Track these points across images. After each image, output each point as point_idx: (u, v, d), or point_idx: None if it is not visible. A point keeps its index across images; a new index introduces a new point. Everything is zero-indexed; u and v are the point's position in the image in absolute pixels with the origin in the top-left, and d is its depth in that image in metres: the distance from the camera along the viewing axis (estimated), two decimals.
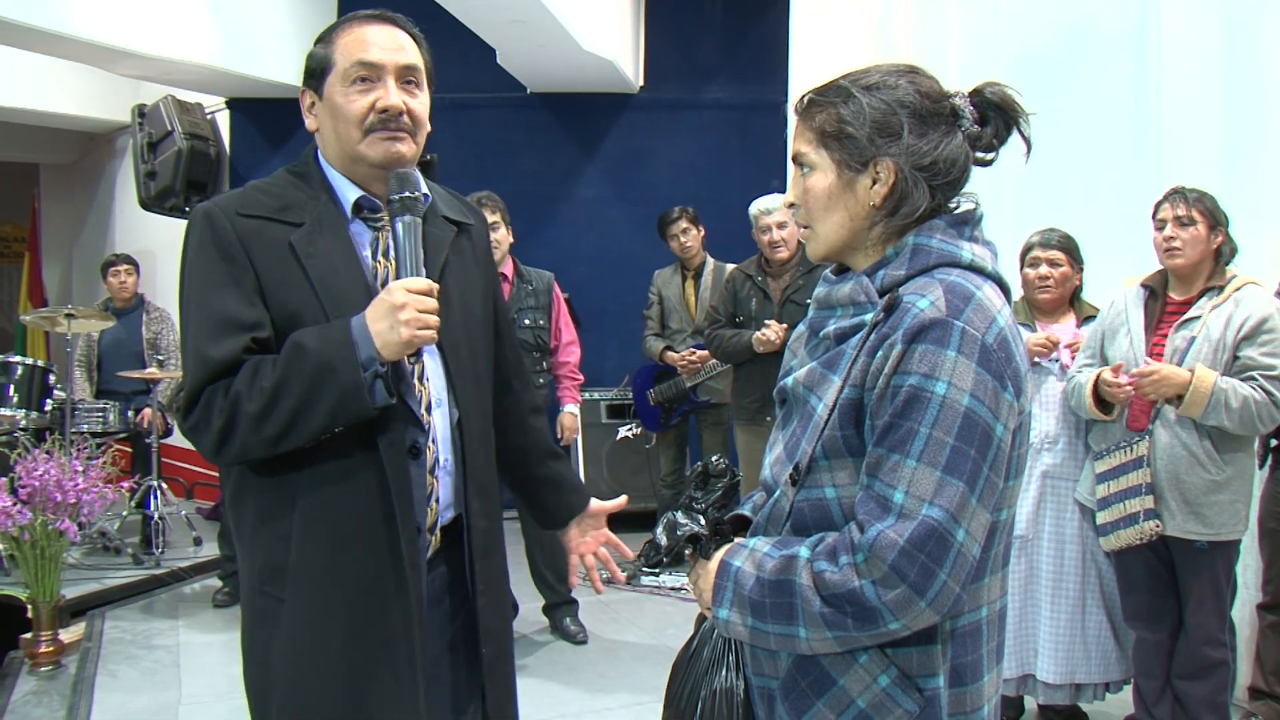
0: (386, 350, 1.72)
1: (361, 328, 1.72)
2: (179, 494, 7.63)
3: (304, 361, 1.68)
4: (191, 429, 1.73)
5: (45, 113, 8.02)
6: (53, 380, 5.93)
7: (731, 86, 7.37)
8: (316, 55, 1.84)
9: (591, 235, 7.45)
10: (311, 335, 1.71)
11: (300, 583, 1.76)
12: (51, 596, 4.34)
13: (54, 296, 9.98)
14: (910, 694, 1.38)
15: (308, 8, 7.26)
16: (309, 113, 1.88)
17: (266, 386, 1.67)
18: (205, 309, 1.74)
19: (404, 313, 1.71)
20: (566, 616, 4.75)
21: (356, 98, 1.80)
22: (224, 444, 1.71)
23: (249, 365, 1.70)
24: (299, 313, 1.75)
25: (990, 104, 1.46)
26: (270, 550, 1.78)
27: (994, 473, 1.34)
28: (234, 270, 1.74)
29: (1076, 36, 4.59)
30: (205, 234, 1.77)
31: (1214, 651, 3.22)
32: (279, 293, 1.75)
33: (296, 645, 1.77)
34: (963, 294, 1.36)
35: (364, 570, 1.78)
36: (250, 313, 1.73)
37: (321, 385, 1.68)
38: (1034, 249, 3.58)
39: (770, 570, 1.39)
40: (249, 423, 1.68)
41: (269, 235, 1.77)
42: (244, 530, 1.84)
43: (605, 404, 6.84)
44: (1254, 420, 3.04)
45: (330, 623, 1.77)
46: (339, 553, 1.77)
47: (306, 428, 1.69)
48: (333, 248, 1.80)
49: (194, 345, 1.73)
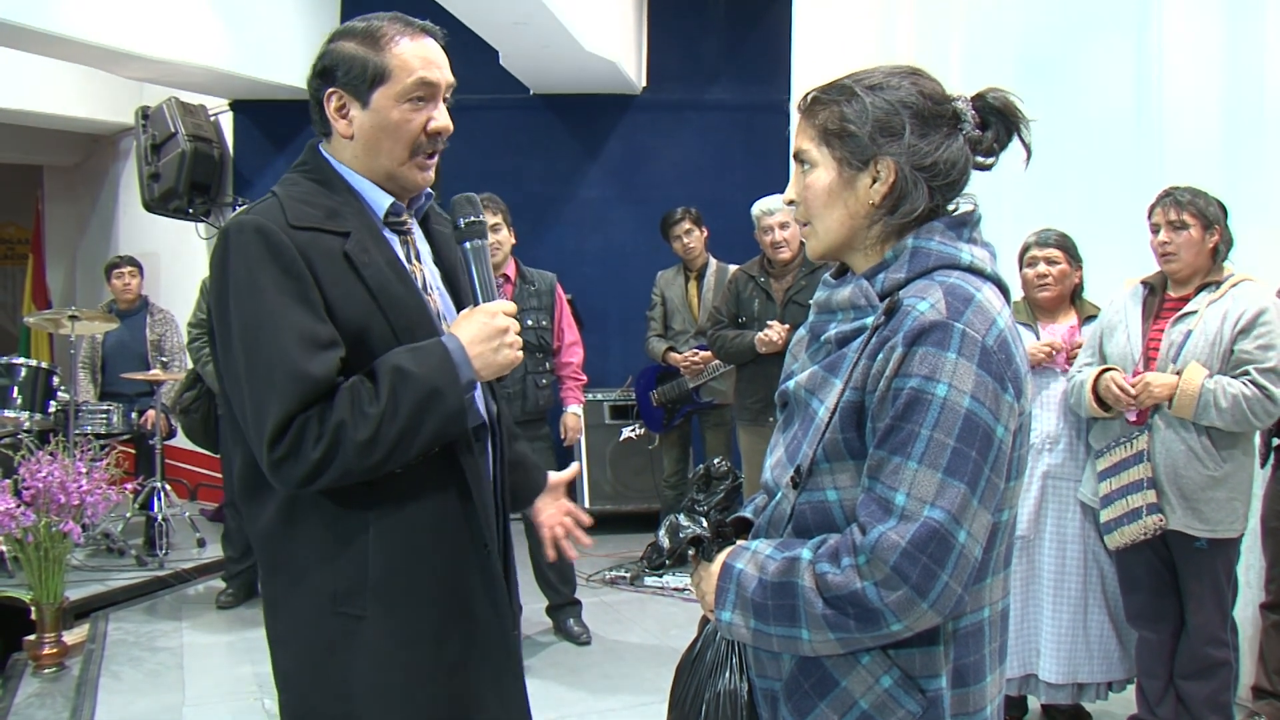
0: (487, 371, 1.74)
1: (459, 350, 1.71)
2: (183, 495, 7.64)
3: (410, 386, 1.65)
4: (280, 459, 1.62)
5: (49, 115, 8.04)
6: (56, 382, 5.94)
7: (734, 87, 7.38)
8: (363, 61, 1.75)
9: (594, 236, 7.45)
10: (409, 359, 1.68)
11: (384, 596, 1.73)
12: (55, 598, 4.35)
13: (58, 298, 9.99)
14: (913, 695, 1.39)
15: (312, 10, 7.27)
16: (339, 116, 1.79)
17: (372, 413, 1.62)
18: (282, 329, 1.63)
19: (509, 335, 1.75)
20: (570, 618, 4.76)
21: (412, 116, 1.77)
22: (320, 474, 1.63)
23: (345, 390, 1.64)
24: (366, 326, 1.71)
25: (992, 109, 1.47)
26: (343, 570, 1.73)
27: (995, 474, 1.34)
28: (301, 287, 1.66)
29: (1078, 36, 4.59)
30: (261, 249, 1.67)
31: (1216, 651, 3.22)
32: (345, 307, 1.70)
33: (387, 656, 1.74)
34: (963, 296, 1.37)
35: (449, 569, 1.78)
36: (326, 330, 1.67)
37: (428, 410, 1.66)
38: (1031, 248, 3.60)
39: (773, 572, 1.40)
40: (356, 450, 1.62)
41: (324, 246, 1.71)
42: (300, 555, 1.76)
43: (608, 405, 6.84)
44: (1246, 416, 3.03)
45: (421, 627, 1.75)
46: (422, 557, 1.76)
47: (410, 452, 1.67)
48: (381, 256, 1.77)
49: (284, 365, 1.62)
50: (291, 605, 1.78)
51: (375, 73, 1.75)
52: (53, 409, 5.83)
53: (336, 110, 1.79)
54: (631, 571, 5.75)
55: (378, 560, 1.72)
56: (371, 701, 1.74)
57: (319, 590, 1.74)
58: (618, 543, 6.38)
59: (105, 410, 6.18)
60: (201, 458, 7.39)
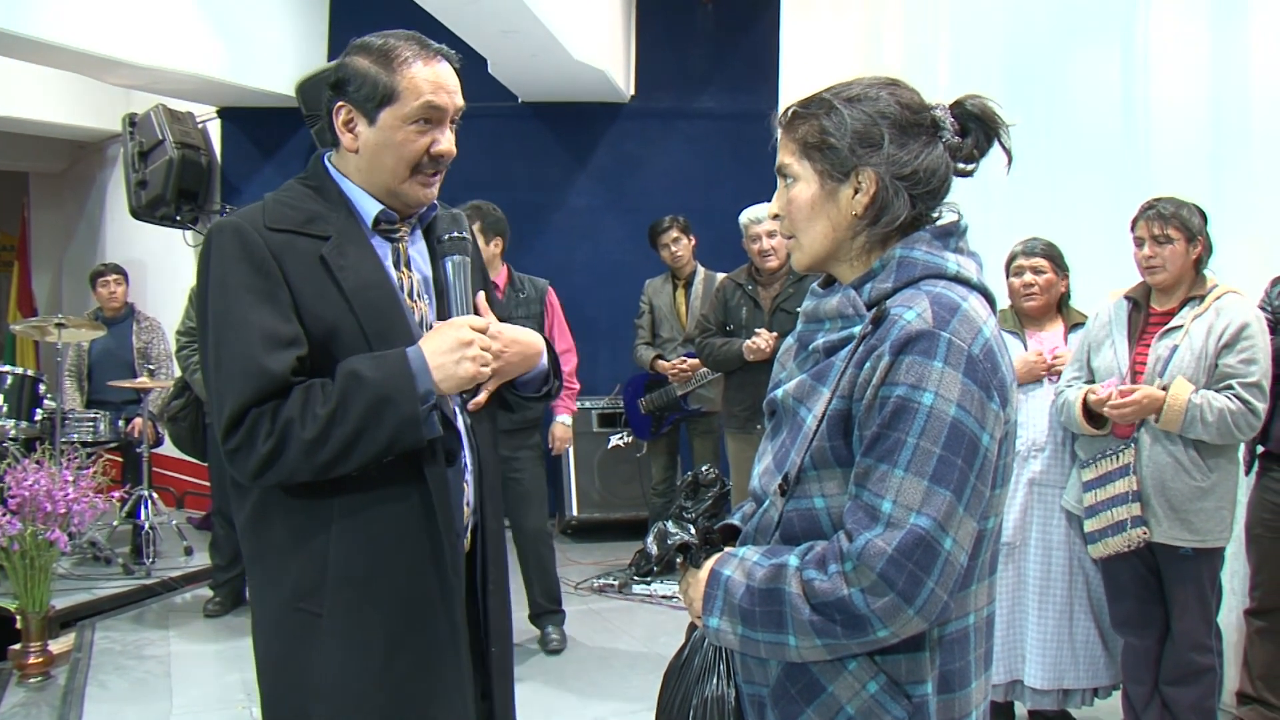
0: (446, 384, 1.75)
1: (420, 360, 1.73)
2: (170, 504, 7.60)
3: (361, 391, 1.68)
4: (233, 450, 1.68)
5: (35, 121, 8.01)
6: (42, 390, 5.91)
7: (722, 96, 7.40)
8: (374, 80, 1.78)
9: (583, 244, 7.46)
10: (367, 364, 1.71)
11: (340, 596, 1.76)
12: (41, 607, 4.32)
13: (43, 306, 9.96)
14: (899, 700, 1.39)
15: (300, 17, 7.28)
16: (346, 130, 1.83)
17: (321, 414, 1.66)
18: (247, 325, 1.69)
19: (471, 349, 1.76)
20: (550, 625, 4.75)
21: (416, 138, 1.80)
22: (268, 468, 1.68)
23: (299, 390, 1.69)
24: (336, 327, 1.75)
25: (970, 115, 1.49)
26: (304, 567, 1.76)
27: (981, 481, 1.36)
28: (270, 285, 1.72)
29: (1064, 44, 4.62)
30: (236, 248, 1.73)
31: (1201, 657, 3.24)
32: (314, 307, 1.74)
33: (340, 658, 1.76)
34: (949, 305, 1.38)
35: (407, 579, 1.79)
36: (289, 329, 1.71)
37: (379, 416, 1.68)
38: (1017, 258, 3.62)
39: (760, 579, 1.40)
40: (301, 449, 1.66)
41: (299, 248, 1.76)
42: (269, 550, 1.82)
43: (596, 413, 6.85)
44: (1231, 430, 3.06)
45: (374, 634, 1.77)
46: (380, 564, 1.77)
47: (359, 456, 1.69)
48: (361, 260, 1.80)
49: (244, 359, 1.68)
50: (263, 596, 1.85)
51: (385, 92, 1.78)
52: (39, 417, 5.79)
53: (344, 124, 1.83)
54: (619, 579, 5.75)
55: (336, 561, 1.75)
56: (325, 700, 1.77)
57: (283, 585, 1.79)
58: (605, 550, 6.38)
59: (92, 418, 6.16)
60: (188, 466, 7.37)
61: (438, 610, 1.81)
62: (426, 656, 1.80)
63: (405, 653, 1.79)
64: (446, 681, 1.82)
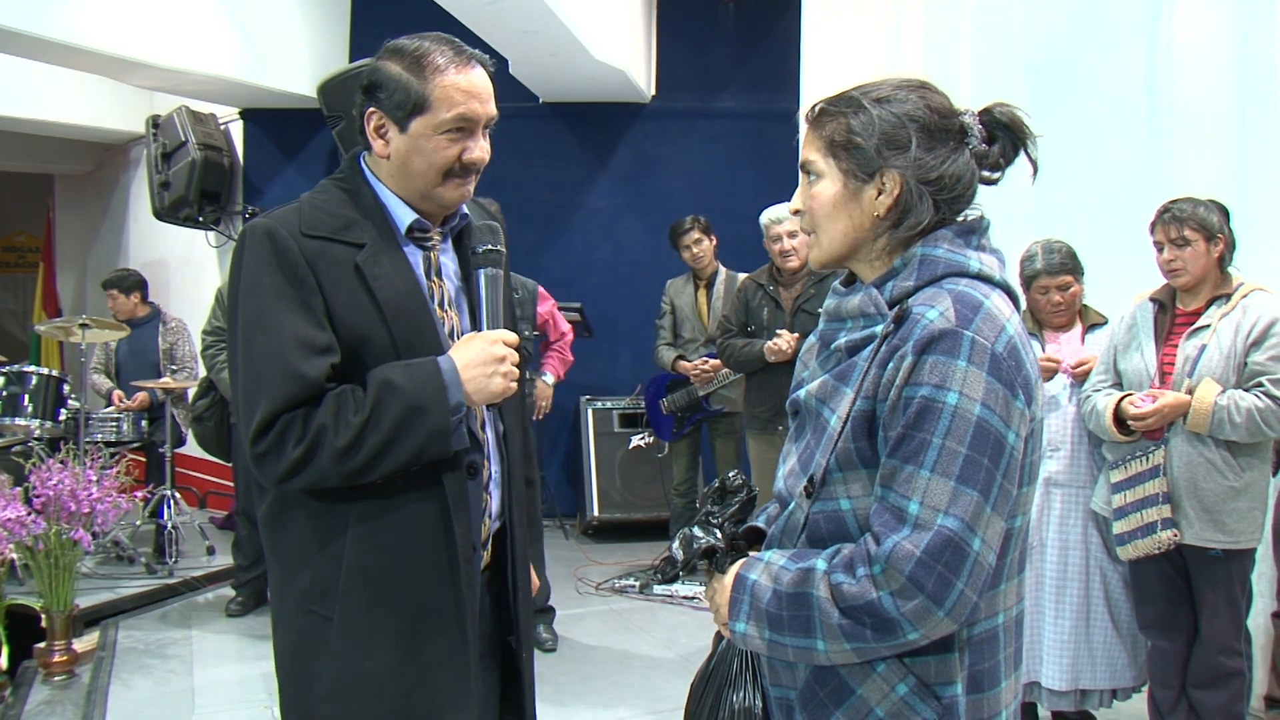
0: (478, 396, 1.76)
1: (452, 372, 1.73)
2: (192, 503, 7.65)
3: (395, 400, 1.68)
4: (261, 454, 1.68)
5: (60, 124, 8.06)
6: (67, 390, 5.95)
7: (743, 95, 7.38)
8: (405, 87, 1.76)
9: (604, 244, 7.46)
10: (400, 373, 1.71)
11: (351, 602, 1.76)
12: (65, 606, 4.35)
13: (68, 306, 10.03)
14: (928, 702, 1.38)
15: (321, 18, 7.30)
16: (378, 136, 1.81)
17: (355, 421, 1.66)
18: (280, 330, 1.69)
19: (504, 365, 1.76)
20: (540, 624, 4.78)
21: (448, 146, 1.78)
22: (296, 474, 1.68)
23: (332, 397, 1.69)
24: (367, 335, 1.74)
25: (999, 123, 1.48)
26: (319, 569, 1.77)
27: (1008, 480, 1.34)
28: (303, 293, 1.71)
29: (1087, 43, 4.58)
30: (269, 254, 1.72)
31: (1229, 660, 3.20)
32: (347, 315, 1.74)
33: (346, 664, 1.76)
34: (971, 303, 1.37)
35: (419, 589, 1.78)
36: (323, 336, 1.71)
37: (410, 425, 1.68)
38: (1040, 276, 3.51)
39: (787, 583, 1.40)
40: (332, 456, 1.66)
41: (333, 256, 1.75)
42: (286, 550, 1.82)
43: (618, 413, 6.85)
44: (1261, 428, 3.03)
45: (382, 642, 1.77)
46: (393, 572, 1.77)
47: (387, 464, 1.69)
48: (394, 269, 1.80)
49: (277, 364, 1.67)
50: (281, 595, 1.85)
51: (416, 101, 1.76)
52: (63, 417, 5.83)
53: (375, 129, 1.81)
54: (641, 580, 5.74)
55: (350, 566, 1.75)
56: (331, 704, 1.77)
57: (297, 586, 1.80)
58: (627, 551, 6.38)
59: (116, 418, 6.21)
60: (211, 465, 7.41)
61: (449, 622, 1.80)
62: (433, 668, 1.79)
63: (412, 663, 1.78)
64: (453, 694, 1.81)
